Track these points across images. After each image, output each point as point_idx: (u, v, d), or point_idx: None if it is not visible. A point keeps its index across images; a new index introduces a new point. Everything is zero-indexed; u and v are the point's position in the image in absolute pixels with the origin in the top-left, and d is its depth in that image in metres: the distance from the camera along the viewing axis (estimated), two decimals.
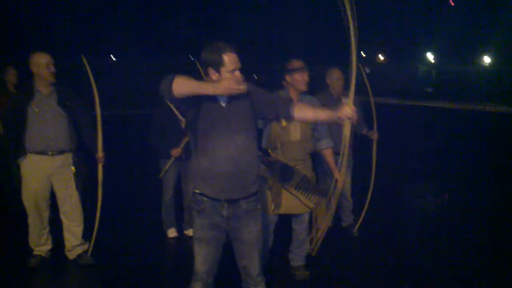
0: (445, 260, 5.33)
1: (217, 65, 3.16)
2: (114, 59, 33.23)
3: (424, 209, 7.33)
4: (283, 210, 4.49)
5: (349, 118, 3.28)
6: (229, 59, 3.16)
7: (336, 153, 5.72)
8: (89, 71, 5.03)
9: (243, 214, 3.36)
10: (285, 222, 4.87)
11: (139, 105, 19.29)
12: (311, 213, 4.70)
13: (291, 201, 4.48)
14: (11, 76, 6.35)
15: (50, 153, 4.83)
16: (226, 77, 3.14)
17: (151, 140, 5.76)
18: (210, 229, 3.34)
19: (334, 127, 5.53)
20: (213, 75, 3.19)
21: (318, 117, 3.44)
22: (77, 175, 4.98)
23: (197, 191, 3.35)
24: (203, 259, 3.37)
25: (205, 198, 3.30)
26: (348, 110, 3.24)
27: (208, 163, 3.25)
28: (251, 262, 3.45)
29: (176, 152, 5.63)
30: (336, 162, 5.80)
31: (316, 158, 5.05)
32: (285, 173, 4.20)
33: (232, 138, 3.25)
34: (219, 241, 3.40)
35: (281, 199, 4.44)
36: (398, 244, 5.75)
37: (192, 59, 29.80)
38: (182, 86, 3.01)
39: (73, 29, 29.84)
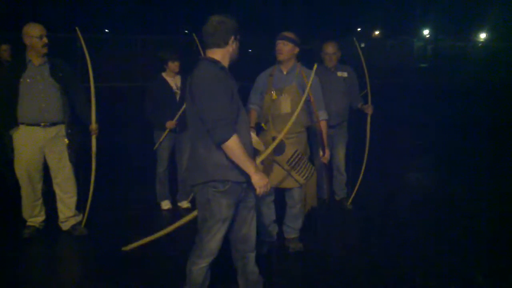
0: (440, 231, 5.37)
1: (237, 34, 3.28)
2: (107, 31, 32.90)
3: (417, 181, 7.38)
4: (273, 183, 4.43)
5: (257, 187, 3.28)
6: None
7: (330, 127, 5.74)
8: (83, 43, 4.99)
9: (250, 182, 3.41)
10: (280, 194, 4.87)
11: (134, 78, 19.20)
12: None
13: (282, 175, 4.46)
14: (4, 52, 6.29)
15: (42, 124, 4.80)
16: (233, 46, 3.28)
17: (146, 112, 5.74)
18: (234, 207, 3.34)
19: (329, 102, 5.51)
20: (234, 43, 3.28)
21: (239, 160, 3.22)
22: (70, 147, 4.96)
23: (221, 178, 3.23)
24: (221, 237, 3.34)
25: (230, 182, 3.25)
26: (257, 180, 3.22)
27: None
28: (251, 228, 3.51)
29: (170, 124, 5.62)
30: (329, 135, 5.82)
31: (310, 130, 5.00)
32: (276, 147, 4.15)
33: (247, 118, 3.34)
34: None
35: (272, 173, 4.42)
36: (391, 217, 5.78)
37: (187, 32, 29.61)
38: (232, 151, 3.10)
39: (68, 2, 29.51)
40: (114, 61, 19.72)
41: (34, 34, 4.69)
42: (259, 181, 3.18)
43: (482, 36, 43.48)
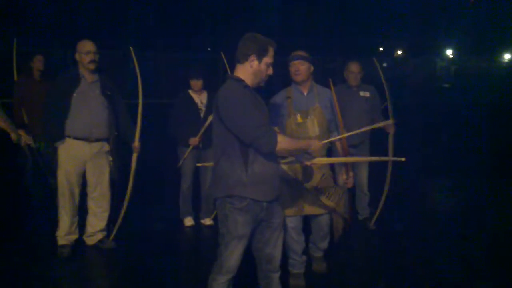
0: (465, 252, 5.30)
1: (261, 54, 3.28)
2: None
3: (441, 202, 7.32)
4: (305, 211, 4.35)
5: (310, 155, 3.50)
6: (272, 52, 3.32)
7: (352, 146, 5.71)
8: (135, 62, 5.19)
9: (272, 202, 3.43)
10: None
11: (159, 95, 19.36)
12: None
13: (311, 202, 4.32)
14: (38, 62, 6.40)
15: (89, 139, 4.92)
16: (263, 68, 3.30)
17: (170, 128, 5.82)
18: (251, 225, 3.34)
19: (351, 121, 5.48)
20: (253, 62, 3.27)
21: (294, 148, 3.39)
22: (114, 163, 5.09)
23: (239, 194, 3.25)
24: (239, 254, 3.34)
25: (248, 199, 3.26)
26: (316, 145, 3.44)
27: (261, 168, 3.26)
28: (276, 248, 3.51)
29: (194, 141, 5.68)
30: (350, 154, 5.78)
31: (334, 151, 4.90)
32: (306, 173, 4.08)
33: None
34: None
35: (303, 200, 4.30)
36: (415, 238, 5.74)
37: (209, 49, 29.83)
38: (285, 146, 3.22)
39: (92, 19, 29.99)
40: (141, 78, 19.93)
41: (81, 50, 4.89)
42: (315, 147, 3.41)
43: (507, 56, 43.11)
